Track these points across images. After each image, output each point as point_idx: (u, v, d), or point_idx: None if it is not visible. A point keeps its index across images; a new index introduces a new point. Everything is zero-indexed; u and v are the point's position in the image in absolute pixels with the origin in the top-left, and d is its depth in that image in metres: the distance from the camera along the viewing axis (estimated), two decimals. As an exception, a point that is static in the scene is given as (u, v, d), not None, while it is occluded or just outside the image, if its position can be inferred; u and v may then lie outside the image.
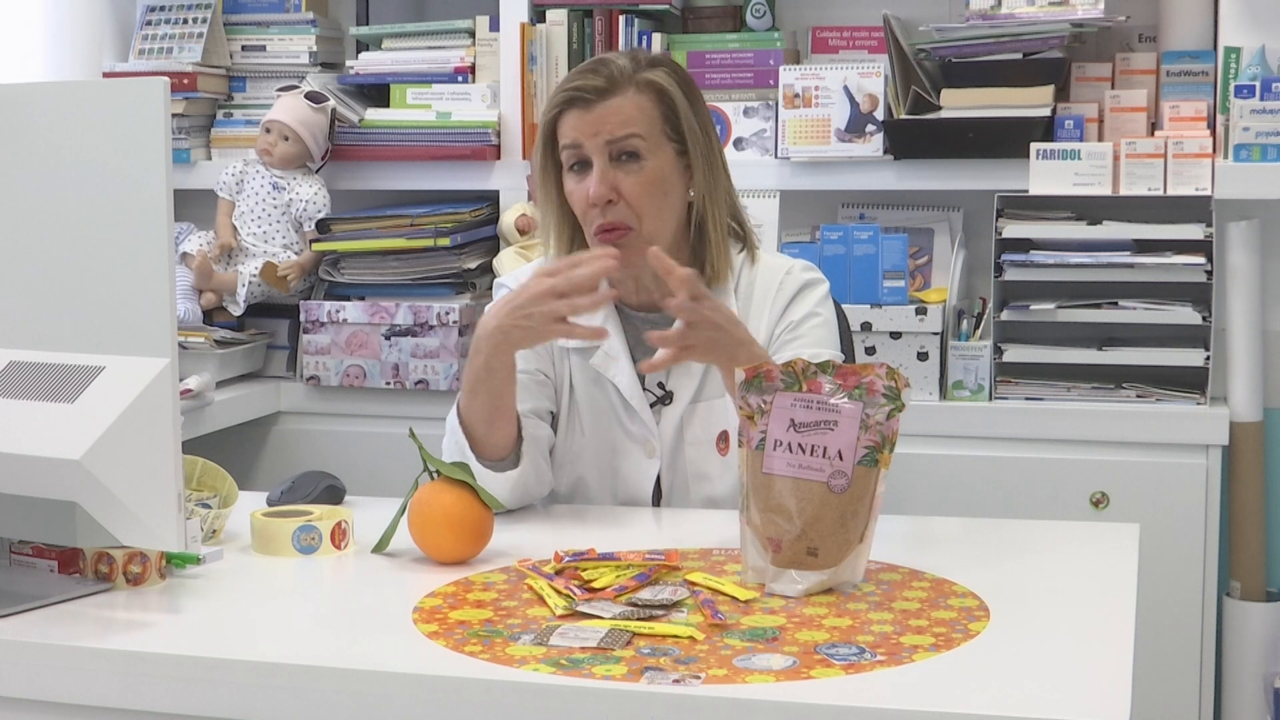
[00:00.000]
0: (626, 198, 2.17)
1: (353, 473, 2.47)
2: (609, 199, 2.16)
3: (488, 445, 2.13)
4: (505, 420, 2.13)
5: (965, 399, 3.09)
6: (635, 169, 2.17)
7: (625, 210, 2.17)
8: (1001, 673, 1.52)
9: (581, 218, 2.20)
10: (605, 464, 2.26)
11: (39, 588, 1.76)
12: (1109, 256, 3.01)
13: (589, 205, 2.17)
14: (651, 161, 2.18)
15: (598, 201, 2.16)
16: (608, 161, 2.17)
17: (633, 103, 2.18)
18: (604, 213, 2.16)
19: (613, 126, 2.16)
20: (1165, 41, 3.17)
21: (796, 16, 3.40)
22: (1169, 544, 2.92)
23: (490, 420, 2.12)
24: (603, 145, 2.16)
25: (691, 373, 2.23)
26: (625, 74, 2.19)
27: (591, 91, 2.17)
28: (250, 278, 3.32)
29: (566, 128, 2.18)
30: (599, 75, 2.18)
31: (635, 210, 2.17)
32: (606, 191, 2.16)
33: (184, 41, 3.49)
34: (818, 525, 1.76)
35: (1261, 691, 3.03)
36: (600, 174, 2.16)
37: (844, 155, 3.18)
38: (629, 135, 2.17)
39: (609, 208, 2.16)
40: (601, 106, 2.17)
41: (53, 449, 1.67)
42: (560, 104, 2.19)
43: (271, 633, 1.70)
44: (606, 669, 1.50)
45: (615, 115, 2.17)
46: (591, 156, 2.17)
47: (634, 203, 2.17)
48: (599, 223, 2.17)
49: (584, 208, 2.18)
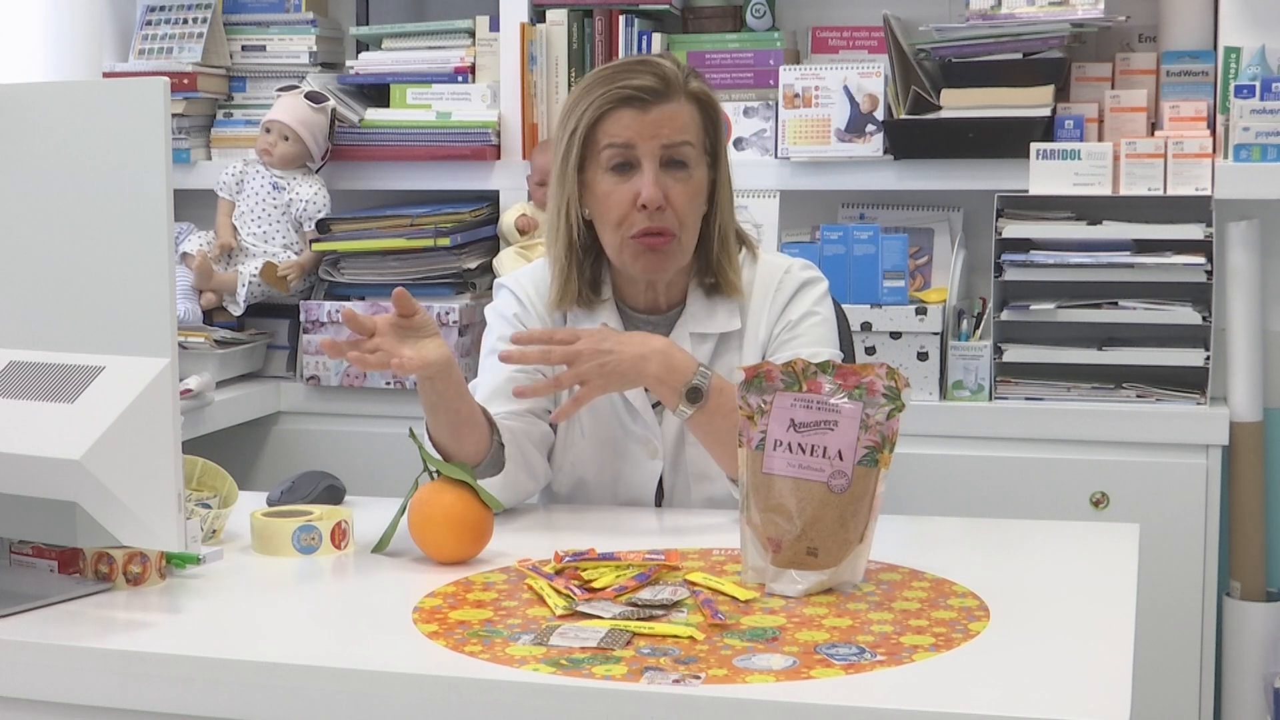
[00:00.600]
0: (673, 205, 2.15)
1: (353, 473, 2.47)
2: (660, 205, 2.14)
3: (461, 457, 2.10)
4: (470, 432, 2.09)
5: (965, 399, 3.09)
6: (684, 177, 2.16)
7: (672, 218, 2.15)
8: (1001, 673, 1.52)
9: (618, 219, 2.16)
10: (607, 465, 2.26)
11: (39, 588, 1.76)
12: (1109, 256, 3.01)
13: (637, 207, 2.14)
14: (696, 172, 2.18)
15: (651, 204, 2.13)
16: (658, 166, 2.15)
17: (687, 111, 2.17)
18: (652, 217, 2.14)
19: (670, 131, 2.14)
20: (1165, 41, 3.17)
21: (796, 16, 3.40)
22: (1169, 544, 2.92)
23: (455, 435, 2.08)
24: (658, 149, 2.14)
25: (692, 373, 2.23)
26: (677, 80, 2.16)
27: (648, 92, 2.14)
28: (250, 278, 3.32)
29: (617, 126, 2.14)
30: (653, 75, 2.15)
31: (680, 219, 2.16)
32: (660, 197, 2.13)
33: (184, 41, 3.49)
34: (818, 525, 1.76)
35: (1261, 691, 3.03)
36: (654, 178, 2.13)
37: (844, 155, 3.18)
38: (684, 142, 2.15)
39: (658, 213, 2.14)
40: (658, 109, 2.14)
41: (53, 449, 1.67)
42: (613, 101, 2.14)
43: (271, 633, 1.70)
44: (606, 669, 1.50)
45: (672, 120, 2.15)
46: (643, 159, 2.14)
47: (680, 211, 2.15)
48: (647, 225, 2.14)
49: (628, 210, 2.15)
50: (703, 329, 2.23)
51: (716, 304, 2.24)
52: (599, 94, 2.16)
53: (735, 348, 2.25)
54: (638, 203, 2.14)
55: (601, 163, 2.16)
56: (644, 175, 2.14)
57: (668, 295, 2.25)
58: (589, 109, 2.16)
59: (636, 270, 2.19)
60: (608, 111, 2.15)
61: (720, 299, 2.24)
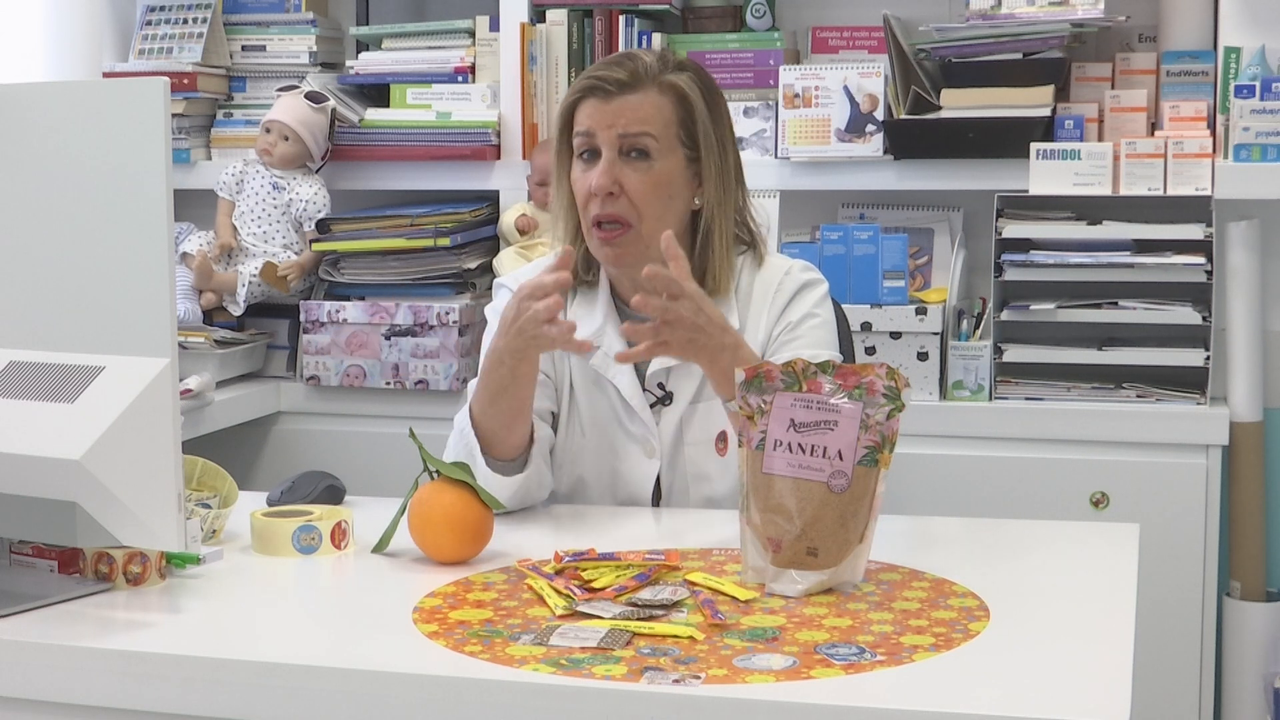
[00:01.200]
0: (629, 194, 2.17)
1: (353, 473, 2.47)
2: (610, 191, 2.16)
3: (504, 447, 2.14)
4: (523, 423, 2.15)
5: (965, 399, 3.09)
6: (643, 167, 2.18)
7: (626, 206, 2.17)
8: (1001, 673, 1.52)
9: (581, 208, 2.20)
10: (605, 464, 2.26)
11: (39, 588, 1.76)
12: (1109, 256, 3.01)
13: (590, 194, 2.17)
14: (660, 163, 2.18)
15: (598, 192, 2.16)
16: (616, 155, 2.17)
17: (652, 102, 2.18)
18: (603, 203, 2.17)
19: (627, 121, 2.17)
20: (1165, 41, 3.17)
21: (796, 16, 3.40)
22: (1169, 544, 2.92)
23: (509, 424, 2.13)
24: (615, 138, 2.17)
25: (692, 373, 2.23)
26: (650, 72, 2.19)
27: (613, 84, 2.18)
28: (250, 278, 3.32)
29: (582, 115, 2.19)
30: (623, 68, 2.19)
31: (637, 208, 2.17)
32: (609, 183, 2.16)
33: (184, 41, 3.49)
34: (818, 525, 1.76)
35: (1261, 691, 3.03)
36: (606, 165, 2.17)
37: (844, 155, 3.18)
38: (641, 133, 2.17)
39: (609, 199, 2.17)
40: (620, 100, 2.17)
41: (53, 449, 1.67)
42: (580, 91, 2.20)
43: (271, 633, 1.70)
44: (606, 669, 1.50)
45: (632, 111, 2.17)
46: (601, 147, 2.18)
47: (636, 200, 2.17)
48: (596, 213, 2.17)
49: (585, 197, 2.19)
50: None
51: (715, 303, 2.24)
52: (575, 84, 2.23)
53: None
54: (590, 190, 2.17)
55: (574, 150, 2.21)
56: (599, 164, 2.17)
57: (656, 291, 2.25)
58: (566, 99, 2.23)
59: (600, 259, 2.23)
60: (578, 100, 2.21)
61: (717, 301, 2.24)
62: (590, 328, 2.25)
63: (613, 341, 2.23)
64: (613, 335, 2.24)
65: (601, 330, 2.25)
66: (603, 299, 2.26)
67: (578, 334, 2.22)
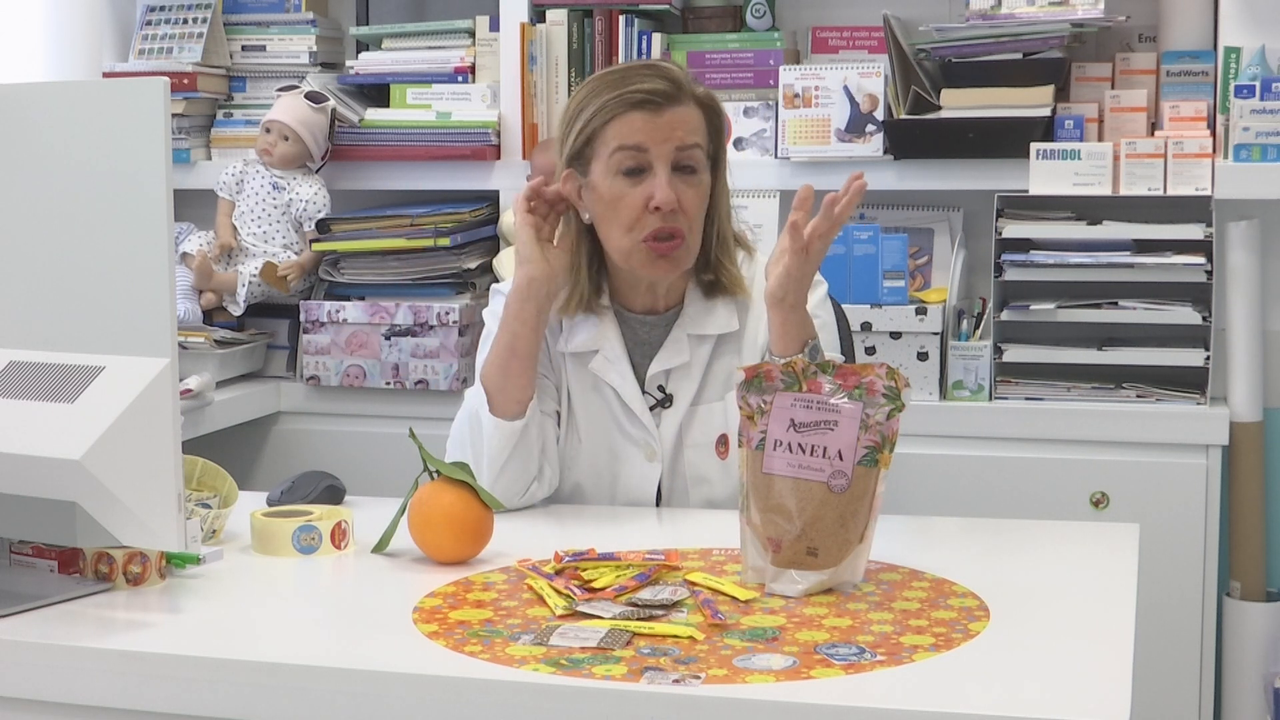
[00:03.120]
0: (685, 208, 2.16)
1: (353, 473, 2.46)
2: (673, 208, 2.14)
3: (507, 400, 2.15)
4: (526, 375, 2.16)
5: (965, 399, 3.09)
6: (694, 181, 2.17)
7: (683, 220, 2.16)
8: (1001, 673, 1.52)
9: (629, 222, 2.15)
10: (604, 469, 2.25)
11: (39, 588, 1.76)
12: (1109, 256, 3.01)
13: (650, 210, 2.14)
14: (703, 176, 2.19)
15: (667, 207, 2.13)
16: (670, 170, 2.15)
17: (695, 115, 2.18)
18: (665, 218, 2.14)
19: (682, 134, 2.15)
20: (1165, 41, 3.17)
21: (796, 16, 3.40)
22: (1169, 544, 2.92)
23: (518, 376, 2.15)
24: (671, 152, 2.14)
25: (691, 375, 2.24)
26: (685, 84, 2.17)
27: (660, 96, 2.14)
28: (250, 278, 3.32)
29: (627, 129, 2.14)
30: (663, 79, 2.15)
31: (690, 223, 2.17)
32: (674, 199, 2.14)
33: (184, 41, 3.49)
34: (818, 525, 1.76)
35: (1261, 691, 3.03)
36: (668, 179, 2.14)
37: (844, 155, 3.18)
38: (694, 145, 2.16)
39: (671, 215, 2.14)
40: (671, 112, 2.15)
41: (53, 449, 1.67)
42: (624, 106, 2.14)
43: (271, 633, 1.70)
44: (606, 669, 1.50)
45: (684, 124, 2.15)
46: (655, 163, 2.14)
47: (691, 215, 2.17)
48: (660, 226, 2.14)
49: (640, 213, 2.14)
50: (700, 330, 2.23)
51: (715, 304, 2.24)
52: (610, 97, 2.15)
53: (734, 350, 2.25)
54: (650, 205, 2.13)
55: (611, 166, 2.15)
56: (657, 178, 2.14)
57: (666, 297, 2.25)
58: (599, 112, 2.16)
59: (646, 274, 2.20)
60: (619, 115, 2.15)
61: (720, 298, 2.24)
62: (589, 333, 2.24)
63: (612, 345, 2.23)
64: (612, 339, 2.23)
65: (600, 335, 2.24)
66: (603, 305, 2.25)
67: (577, 340, 2.23)
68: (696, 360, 2.24)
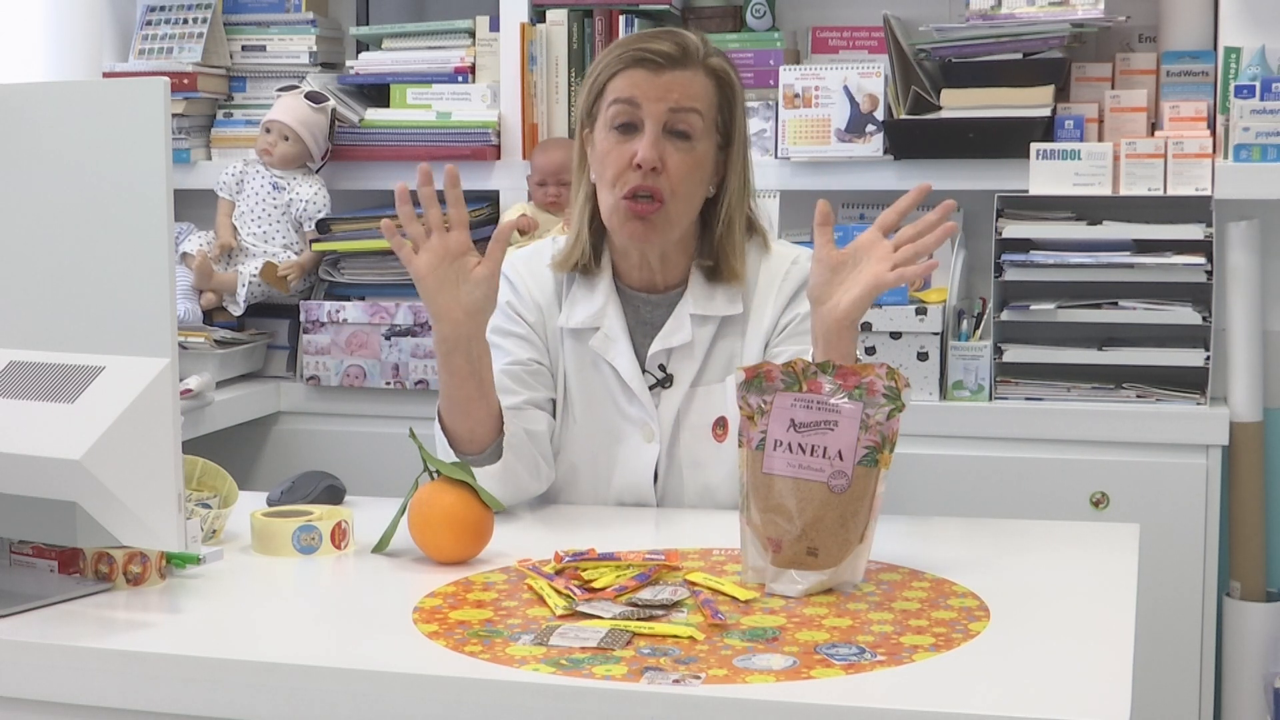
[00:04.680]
0: (669, 172, 2.14)
1: (353, 473, 2.46)
2: (654, 166, 2.13)
3: (466, 442, 2.11)
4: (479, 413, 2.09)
5: (965, 399, 3.09)
6: (685, 147, 2.15)
7: (665, 182, 2.14)
8: (1001, 673, 1.52)
9: (613, 178, 2.15)
10: (601, 450, 2.24)
11: (39, 588, 1.76)
12: (1109, 256, 3.01)
13: (631, 166, 2.13)
14: (700, 145, 2.17)
15: (646, 165, 2.12)
16: (661, 130, 2.14)
17: (700, 81, 2.16)
18: (645, 177, 2.13)
19: (679, 97, 2.14)
20: (1165, 41, 3.17)
21: (796, 16, 3.40)
22: (1169, 544, 2.92)
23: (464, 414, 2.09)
24: (664, 112, 2.14)
25: (692, 356, 2.23)
26: (697, 51, 2.17)
27: (663, 57, 2.14)
28: (250, 278, 3.32)
29: (625, 84, 2.15)
30: (672, 43, 2.15)
31: (673, 187, 2.15)
32: (655, 158, 2.13)
33: (184, 41, 3.49)
34: (818, 525, 1.76)
35: (1261, 691, 3.03)
36: (653, 139, 2.13)
37: (844, 155, 3.18)
38: (690, 109, 2.15)
39: (651, 174, 2.13)
40: (670, 74, 2.14)
41: (53, 449, 1.67)
42: (625, 61, 2.15)
43: (271, 633, 1.70)
44: (606, 669, 1.50)
45: (683, 87, 2.15)
46: (645, 120, 2.14)
47: (675, 179, 2.15)
48: (636, 184, 2.13)
49: (622, 168, 2.14)
50: (703, 311, 2.23)
51: (716, 288, 2.24)
52: (617, 54, 2.17)
53: (738, 333, 2.24)
54: (633, 162, 2.13)
55: (607, 120, 2.16)
56: (645, 135, 2.14)
57: (665, 275, 2.24)
58: (606, 67, 2.18)
59: (623, 235, 2.18)
60: (621, 70, 2.16)
61: (720, 285, 2.23)
62: (590, 309, 2.23)
63: (613, 323, 2.22)
64: (613, 316, 2.22)
65: (602, 312, 2.23)
66: (604, 282, 2.25)
67: (577, 316, 2.21)
68: (699, 340, 2.22)
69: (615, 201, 2.16)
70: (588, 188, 2.24)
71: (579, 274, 2.26)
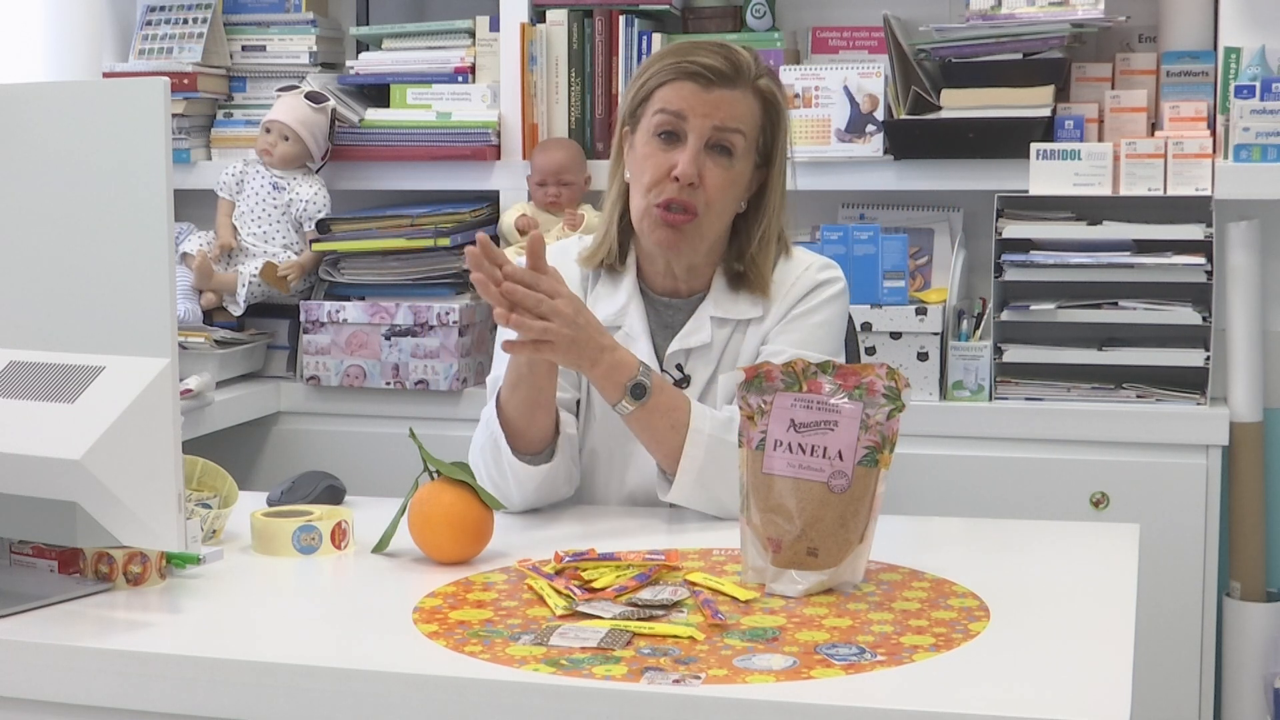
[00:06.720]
0: (707, 187, 2.16)
1: (353, 473, 2.46)
2: (692, 181, 2.15)
3: (526, 440, 2.14)
4: (544, 414, 2.14)
5: (965, 399, 3.09)
6: (724, 164, 2.17)
7: (701, 196, 2.16)
8: (1001, 673, 1.52)
9: (649, 184, 2.17)
10: (618, 447, 2.25)
11: (39, 588, 1.76)
12: (1109, 257, 3.01)
13: (669, 177, 2.15)
14: (739, 164, 2.19)
15: (684, 179, 2.14)
16: (703, 146, 2.16)
17: (747, 102, 2.18)
18: (681, 190, 2.15)
19: (725, 116, 2.16)
20: (1165, 41, 3.17)
21: (796, 16, 3.40)
22: (1169, 544, 2.92)
23: (529, 415, 2.12)
24: (708, 129, 2.15)
25: (710, 358, 2.24)
26: (748, 70, 2.18)
27: (714, 73, 2.16)
28: (250, 278, 3.32)
29: (674, 95, 2.16)
30: (724, 60, 2.17)
31: (708, 201, 2.17)
32: (694, 174, 2.14)
33: (184, 41, 3.49)
34: (818, 525, 1.76)
35: (1261, 691, 3.03)
36: (694, 154, 2.15)
37: (844, 155, 3.18)
38: (734, 129, 2.16)
39: (688, 188, 2.15)
40: (720, 92, 2.16)
41: (53, 449, 1.67)
42: (677, 73, 2.17)
43: (271, 633, 1.70)
44: (606, 669, 1.50)
45: (730, 106, 2.16)
46: (689, 134, 2.16)
47: (712, 195, 2.16)
48: (671, 196, 2.15)
49: (660, 177, 2.16)
50: (724, 314, 2.24)
51: (740, 294, 2.25)
52: (669, 63, 2.19)
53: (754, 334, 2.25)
54: (671, 174, 2.15)
55: (651, 126, 2.18)
56: (686, 149, 2.15)
57: (689, 282, 2.26)
58: (656, 74, 2.19)
59: (652, 241, 2.20)
60: (670, 80, 2.17)
61: (744, 292, 2.24)
62: (612, 308, 2.25)
63: (634, 322, 2.24)
64: (635, 315, 2.24)
65: (624, 310, 2.25)
66: (628, 281, 2.26)
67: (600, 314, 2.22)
68: (717, 341, 2.24)
69: (648, 207, 2.18)
70: (620, 185, 2.26)
71: (604, 272, 2.28)
